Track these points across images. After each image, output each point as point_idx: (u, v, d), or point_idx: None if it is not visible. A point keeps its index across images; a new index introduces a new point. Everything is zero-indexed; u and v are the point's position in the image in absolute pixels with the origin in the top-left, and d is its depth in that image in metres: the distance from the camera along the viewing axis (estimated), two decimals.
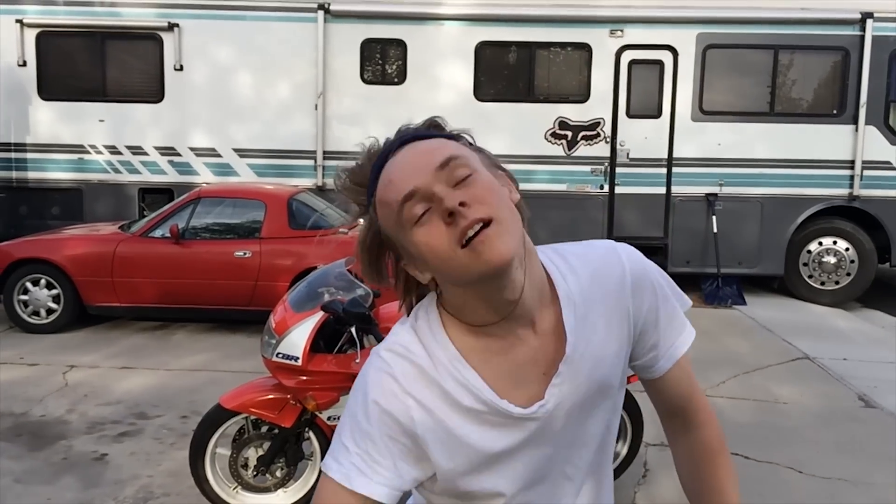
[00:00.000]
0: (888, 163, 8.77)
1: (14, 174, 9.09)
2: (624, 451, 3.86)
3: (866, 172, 8.78)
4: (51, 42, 9.01)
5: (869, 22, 8.60)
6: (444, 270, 1.01)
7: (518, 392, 1.07)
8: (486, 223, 0.96)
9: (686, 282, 9.13)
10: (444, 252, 0.98)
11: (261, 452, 3.54)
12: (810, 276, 9.00)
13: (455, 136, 1.08)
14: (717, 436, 1.26)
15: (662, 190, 8.91)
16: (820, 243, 8.95)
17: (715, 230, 8.86)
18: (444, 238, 0.97)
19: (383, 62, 9.11)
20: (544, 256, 1.13)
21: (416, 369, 1.06)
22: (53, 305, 6.95)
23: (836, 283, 8.95)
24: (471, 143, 1.09)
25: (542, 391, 1.08)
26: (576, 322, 1.09)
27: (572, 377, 1.09)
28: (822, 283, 8.98)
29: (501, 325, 1.06)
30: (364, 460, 1.04)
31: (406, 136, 1.06)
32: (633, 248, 1.19)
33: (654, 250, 9.02)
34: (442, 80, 8.91)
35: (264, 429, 3.55)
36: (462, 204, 0.96)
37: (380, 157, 1.05)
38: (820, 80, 8.95)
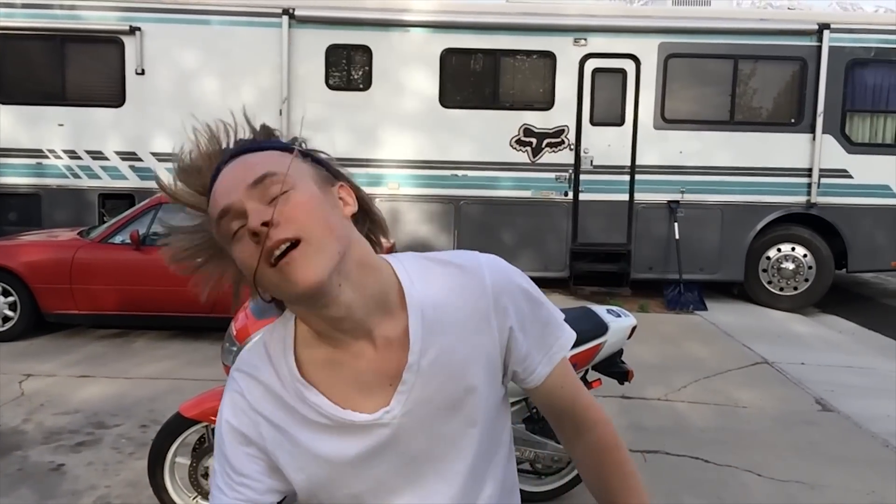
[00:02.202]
0: (844, 171, 8.97)
1: None
2: None
3: (823, 180, 8.98)
4: (9, 45, 8.85)
5: (826, 33, 8.80)
6: (260, 286, 1.01)
7: (365, 400, 1.08)
8: (294, 243, 0.96)
9: (648, 288, 9.25)
10: (254, 270, 0.98)
11: None
12: (769, 282, 9.16)
13: (287, 147, 1.08)
14: (610, 432, 1.25)
15: (625, 197, 9.01)
16: (779, 250, 9.12)
17: (677, 237, 8.98)
18: (255, 256, 0.97)
19: (349, 68, 9.09)
20: (399, 263, 1.12)
21: (262, 388, 1.09)
22: (9, 313, 6.80)
23: (795, 288, 9.12)
24: (306, 153, 1.10)
25: (389, 399, 1.08)
26: (424, 330, 1.09)
27: (423, 384, 1.08)
28: (781, 289, 9.14)
29: (338, 335, 1.07)
30: (225, 481, 1.09)
31: (237, 150, 1.07)
32: (497, 258, 1.18)
33: (618, 257, 9.12)
34: (407, 87, 8.92)
35: None
36: (267, 223, 0.96)
37: (216, 168, 1.06)
38: (778, 89, 9.12)
